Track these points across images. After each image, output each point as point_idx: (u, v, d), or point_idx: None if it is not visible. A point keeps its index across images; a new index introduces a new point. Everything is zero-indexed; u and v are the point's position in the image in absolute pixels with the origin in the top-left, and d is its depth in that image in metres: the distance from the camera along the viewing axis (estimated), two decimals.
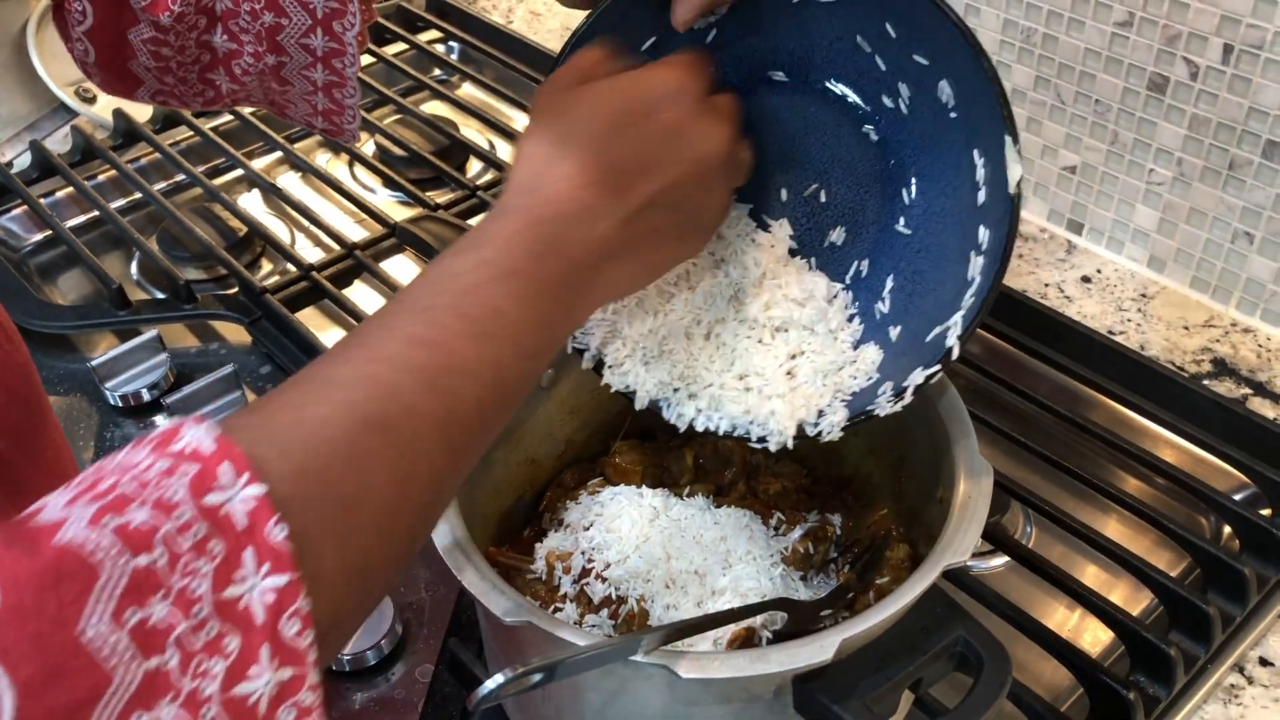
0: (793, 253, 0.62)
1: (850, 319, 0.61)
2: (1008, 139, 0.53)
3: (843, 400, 0.59)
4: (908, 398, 0.56)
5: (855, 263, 0.62)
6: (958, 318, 0.55)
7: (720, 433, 0.60)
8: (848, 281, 0.62)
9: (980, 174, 0.55)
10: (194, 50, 0.61)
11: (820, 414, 0.58)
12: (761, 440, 0.59)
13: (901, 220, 0.60)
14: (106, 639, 0.31)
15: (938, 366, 0.56)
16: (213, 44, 0.60)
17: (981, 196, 0.55)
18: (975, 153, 0.55)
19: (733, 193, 0.58)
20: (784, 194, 0.62)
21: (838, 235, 0.62)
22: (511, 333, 0.46)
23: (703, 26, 0.59)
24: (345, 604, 0.39)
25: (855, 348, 0.60)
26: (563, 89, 0.53)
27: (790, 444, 0.58)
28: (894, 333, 0.59)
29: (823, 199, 0.61)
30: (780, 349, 0.60)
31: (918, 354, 0.57)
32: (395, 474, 0.41)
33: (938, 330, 0.56)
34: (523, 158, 0.51)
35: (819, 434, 0.58)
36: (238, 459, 0.36)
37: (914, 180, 0.59)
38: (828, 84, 0.60)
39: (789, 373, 0.60)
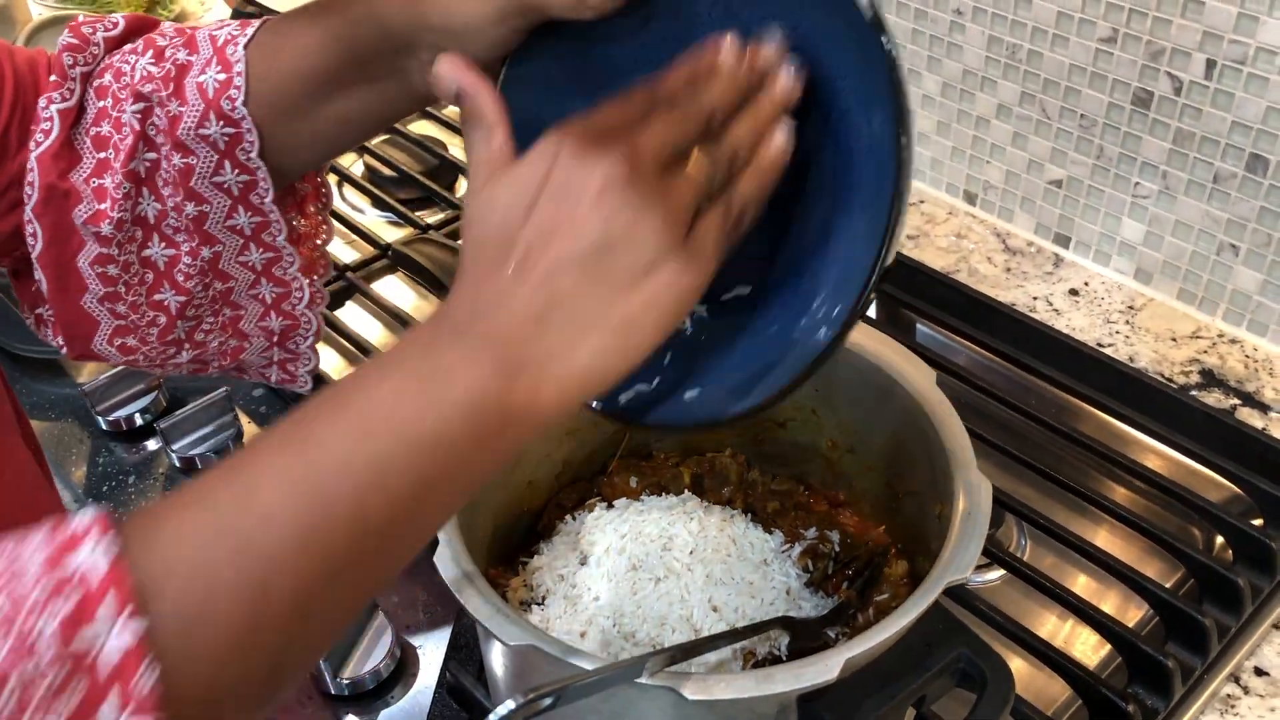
0: None
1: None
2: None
3: None
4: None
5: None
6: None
7: None
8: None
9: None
10: (138, 268, 0.61)
11: None
12: None
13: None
14: None
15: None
16: (152, 259, 0.61)
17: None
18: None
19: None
20: None
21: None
22: (393, 422, 0.42)
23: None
24: None
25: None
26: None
27: None
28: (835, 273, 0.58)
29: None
30: None
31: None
32: (249, 591, 0.38)
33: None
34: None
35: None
36: (124, 590, 0.35)
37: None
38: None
39: None
